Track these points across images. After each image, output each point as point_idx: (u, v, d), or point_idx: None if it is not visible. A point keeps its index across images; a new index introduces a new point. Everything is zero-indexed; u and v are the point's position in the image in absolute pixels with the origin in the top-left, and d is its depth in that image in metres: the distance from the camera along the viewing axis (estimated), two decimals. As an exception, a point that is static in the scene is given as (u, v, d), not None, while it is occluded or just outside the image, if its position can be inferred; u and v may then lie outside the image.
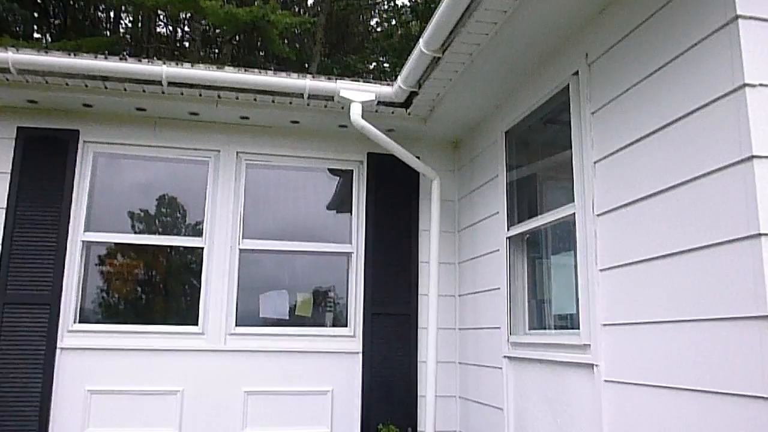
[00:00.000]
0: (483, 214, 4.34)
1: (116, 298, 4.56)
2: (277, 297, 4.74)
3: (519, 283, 3.88)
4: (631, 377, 2.62)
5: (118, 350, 4.22)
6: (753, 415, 1.97)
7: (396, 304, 4.61)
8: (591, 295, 2.92)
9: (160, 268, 4.67)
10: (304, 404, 4.38)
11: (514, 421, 3.69)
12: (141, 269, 4.61)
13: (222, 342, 4.35)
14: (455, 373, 4.65)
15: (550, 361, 3.31)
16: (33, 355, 4.07)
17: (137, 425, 4.14)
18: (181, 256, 4.68)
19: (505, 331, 3.82)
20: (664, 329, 2.43)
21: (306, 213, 4.88)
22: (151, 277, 4.65)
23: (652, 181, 2.55)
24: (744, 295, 2.05)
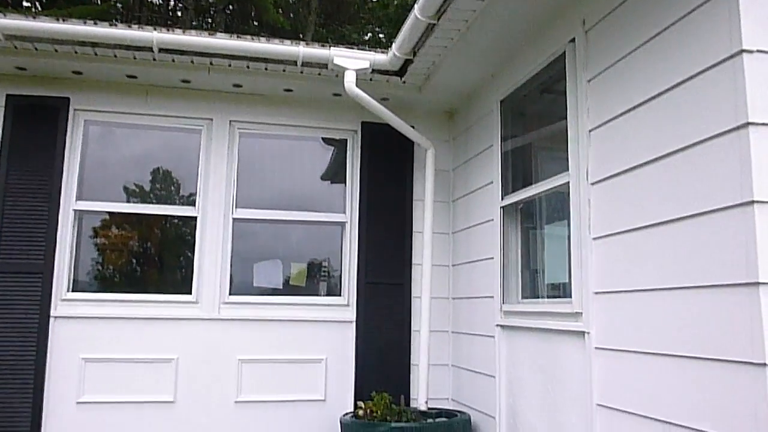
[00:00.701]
0: (477, 183, 4.33)
1: (110, 269, 4.55)
2: (270, 266, 4.74)
3: (512, 252, 3.89)
4: (621, 344, 2.64)
5: (112, 319, 4.23)
6: (741, 380, 1.99)
7: (390, 274, 4.63)
8: (583, 263, 2.92)
9: (153, 240, 4.65)
10: (298, 372, 4.41)
11: (505, 389, 3.73)
12: (134, 240, 4.59)
13: (216, 311, 4.36)
14: (448, 342, 4.68)
15: (542, 329, 3.33)
16: (27, 324, 4.07)
17: (132, 392, 4.16)
18: (176, 228, 4.67)
19: (498, 300, 3.84)
20: (655, 297, 2.45)
21: (300, 183, 4.86)
22: (145, 248, 4.64)
23: (646, 149, 2.54)
24: (735, 262, 2.05)
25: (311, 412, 4.38)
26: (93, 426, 4.09)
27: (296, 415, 4.36)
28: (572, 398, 3.00)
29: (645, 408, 2.46)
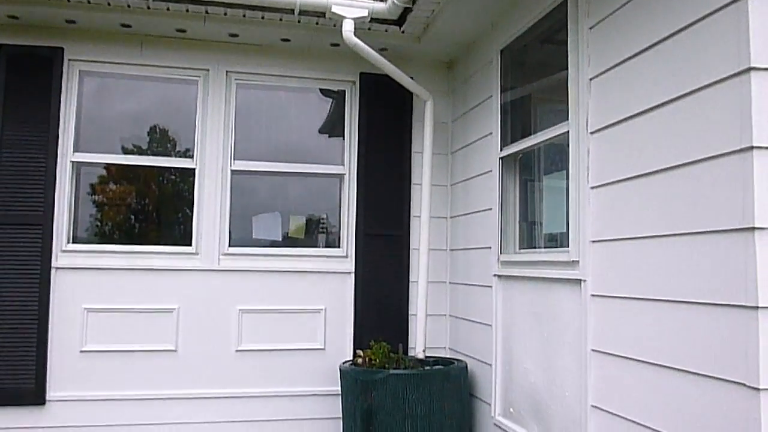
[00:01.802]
0: (476, 135, 4.32)
1: (109, 222, 4.56)
2: (269, 219, 4.76)
3: (510, 203, 3.91)
4: (617, 291, 2.68)
5: (113, 270, 4.26)
6: (734, 323, 2.03)
7: (388, 226, 4.65)
8: (581, 212, 2.94)
9: (151, 195, 4.65)
10: (297, 322, 4.47)
11: (502, 337, 3.80)
12: (133, 196, 4.59)
13: (216, 262, 4.40)
14: (446, 293, 4.74)
15: (539, 278, 3.37)
16: (28, 275, 4.11)
17: (134, 341, 4.23)
18: (174, 184, 4.66)
19: (496, 250, 3.87)
20: (651, 244, 2.47)
21: (298, 136, 4.83)
22: (143, 203, 4.64)
23: (646, 97, 2.52)
24: (732, 208, 2.07)
25: (311, 361, 4.46)
26: (97, 374, 4.17)
27: (296, 363, 4.44)
28: (567, 344, 3.06)
29: (638, 352, 2.51)
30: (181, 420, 4.25)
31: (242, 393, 4.35)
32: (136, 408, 4.19)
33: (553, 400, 3.18)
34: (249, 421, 4.35)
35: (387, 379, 3.78)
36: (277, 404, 4.39)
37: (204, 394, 4.30)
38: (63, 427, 4.10)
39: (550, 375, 3.23)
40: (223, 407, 4.31)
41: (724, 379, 2.06)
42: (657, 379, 2.40)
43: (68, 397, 4.12)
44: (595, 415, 2.79)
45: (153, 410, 4.22)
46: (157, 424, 4.21)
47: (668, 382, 2.33)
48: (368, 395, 3.79)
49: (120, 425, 4.17)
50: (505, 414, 3.74)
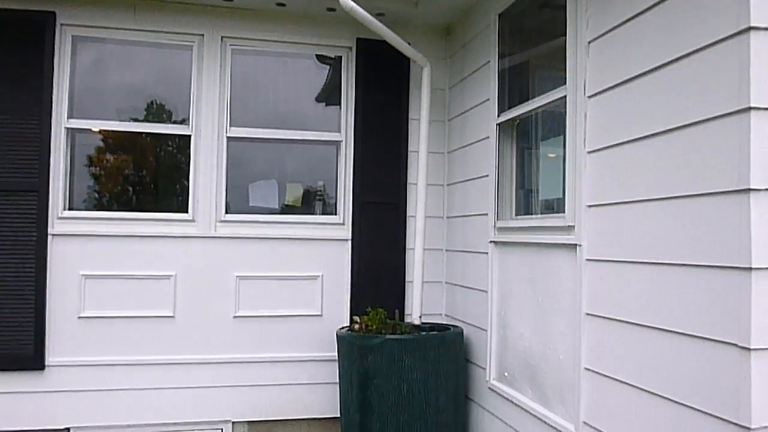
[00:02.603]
0: (473, 101, 4.29)
1: (106, 191, 4.55)
2: (266, 187, 4.75)
3: (507, 170, 3.90)
4: (611, 255, 2.69)
5: (110, 236, 4.26)
6: (727, 283, 2.04)
7: (385, 193, 4.64)
8: (577, 177, 2.94)
9: (148, 164, 4.63)
10: (294, 289, 4.50)
11: (497, 303, 3.82)
12: (130, 165, 4.57)
13: (212, 229, 4.40)
14: (442, 260, 4.76)
15: (535, 243, 3.38)
16: (25, 242, 4.11)
17: (132, 307, 4.25)
18: (171, 156, 4.64)
19: (492, 217, 3.88)
20: (647, 207, 2.47)
21: (295, 104, 4.79)
22: (141, 172, 4.62)
23: (644, 59, 2.50)
24: (728, 170, 2.06)
25: (308, 327, 4.50)
26: (95, 339, 4.20)
27: (293, 329, 4.47)
28: (562, 308, 3.08)
29: (632, 315, 2.53)
30: (180, 385, 4.29)
31: (240, 358, 4.39)
32: (134, 373, 4.24)
33: (546, 364, 3.22)
34: (247, 386, 4.39)
35: (383, 344, 3.81)
36: (275, 369, 4.44)
37: (202, 359, 4.34)
38: (63, 391, 4.14)
39: (544, 339, 3.26)
40: (221, 372, 4.36)
41: (716, 339, 2.08)
42: (650, 341, 2.42)
43: (67, 362, 4.15)
44: (588, 378, 2.82)
45: (151, 375, 4.26)
46: (156, 388, 4.26)
47: (662, 344, 2.35)
48: (365, 360, 3.82)
49: (119, 390, 4.21)
50: (499, 378, 3.78)
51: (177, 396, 4.29)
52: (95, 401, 4.18)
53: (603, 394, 2.72)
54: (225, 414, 4.38)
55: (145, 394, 4.25)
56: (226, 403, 4.37)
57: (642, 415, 2.45)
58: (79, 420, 4.17)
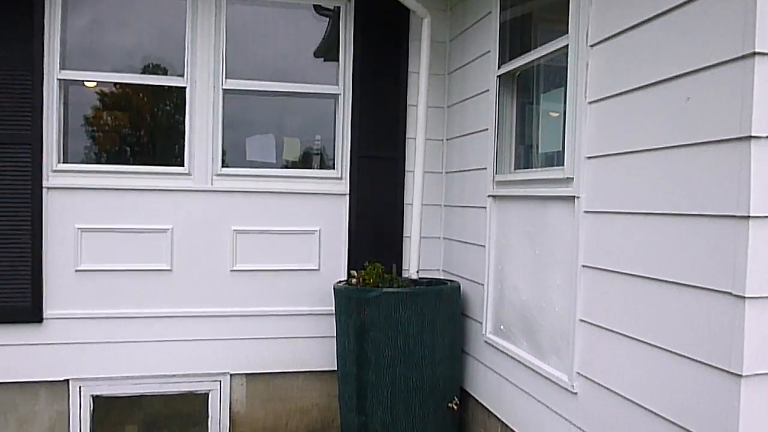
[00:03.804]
0: (474, 54, 4.20)
1: (101, 143, 4.49)
2: (263, 141, 4.69)
3: (507, 123, 3.84)
4: (609, 206, 2.66)
5: (105, 190, 4.23)
6: (725, 233, 2.01)
7: (383, 147, 4.59)
8: (578, 128, 2.89)
9: (144, 119, 4.55)
10: (292, 243, 4.48)
11: (494, 257, 3.81)
12: (125, 120, 4.49)
13: (209, 182, 4.36)
14: (440, 216, 4.73)
15: (533, 196, 3.35)
16: (19, 195, 4.07)
17: (129, 261, 4.25)
18: (166, 111, 4.57)
19: (491, 171, 3.84)
20: (646, 157, 2.43)
21: (293, 59, 4.68)
22: (136, 126, 4.55)
23: (647, 4, 2.42)
24: (730, 118, 2.01)
25: (305, 281, 4.50)
26: (93, 293, 4.21)
27: (291, 283, 4.48)
28: (558, 261, 3.06)
29: (628, 266, 2.51)
30: (178, 337, 4.32)
31: (238, 312, 4.41)
32: (133, 325, 4.25)
33: (542, 316, 3.22)
34: (245, 339, 4.42)
35: (380, 297, 3.81)
36: (273, 323, 4.46)
37: (200, 312, 4.36)
38: (61, 344, 4.17)
39: (540, 292, 3.25)
40: (219, 325, 4.38)
41: (711, 289, 2.06)
42: (646, 291, 2.40)
43: (65, 315, 4.17)
44: (583, 329, 2.82)
45: (150, 328, 4.28)
46: (155, 341, 4.29)
47: (657, 294, 2.34)
48: (361, 313, 3.83)
49: (117, 342, 4.24)
50: (495, 332, 3.80)
51: (175, 348, 4.32)
52: (94, 353, 4.21)
53: (597, 345, 2.72)
54: (223, 366, 4.42)
55: (144, 347, 4.28)
56: (224, 356, 4.40)
57: (635, 365, 2.46)
58: (78, 372, 4.21)
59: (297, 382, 4.57)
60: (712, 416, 2.06)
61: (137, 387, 4.32)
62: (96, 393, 4.27)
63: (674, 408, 2.24)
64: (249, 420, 4.51)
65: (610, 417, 2.62)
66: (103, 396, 4.28)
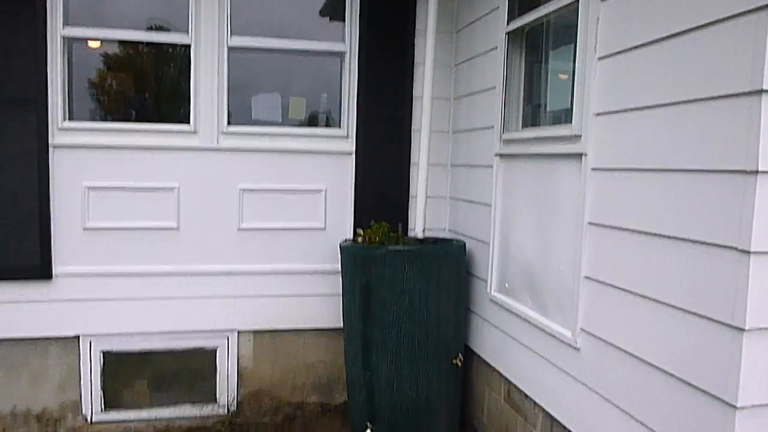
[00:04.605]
0: (482, 10, 4.13)
1: (106, 102, 4.47)
2: (269, 99, 4.66)
3: (515, 81, 3.79)
4: (617, 163, 2.64)
5: (112, 148, 4.23)
6: (733, 188, 2.00)
7: (390, 106, 4.55)
8: (587, 84, 2.85)
9: (149, 79, 4.51)
10: (298, 202, 4.49)
11: (500, 216, 3.81)
12: (130, 79, 4.46)
13: (215, 141, 4.35)
14: (446, 176, 4.72)
15: (540, 154, 3.33)
16: (26, 153, 4.07)
17: (136, 218, 4.27)
18: (171, 71, 4.54)
19: (498, 129, 3.81)
20: (655, 114, 2.40)
21: (298, 18, 4.60)
22: (141, 85, 4.52)
23: (662, -45, 2.37)
24: (741, 72, 1.98)
25: (312, 240, 4.52)
26: (101, 250, 4.24)
27: (297, 241, 4.50)
28: (564, 219, 3.06)
29: (635, 223, 2.51)
30: (187, 295, 4.37)
31: (245, 270, 4.44)
32: (141, 283, 4.30)
33: (547, 274, 3.23)
34: (253, 297, 4.47)
35: (386, 255, 3.83)
36: (280, 281, 4.50)
37: (208, 270, 4.39)
38: (71, 300, 4.22)
39: (545, 250, 3.26)
40: (226, 283, 4.42)
41: (717, 244, 2.06)
42: (652, 247, 2.40)
43: (74, 272, 4.21)
44: (587, 285, 2.83)
45: (158, 285, 4.33)
46: (163, 298, 4.34)
47: (663, 250, 2.34)
48: (367, 271, 3.86)
49: (126, 299, 4.29)
50: (500, 290, 3.82)
51: (184, 305, 4.37)
52: (103, 310, 4.27)
53: (601, 301, 2.74)
54: (231, 323, 4.48)
55: (152, 304, 4.33)
56: (231, 313, 4.46)
57: (639, 320, 2.47)
58: (88, 328, 4.28)
59: (303, 339, 4.63)
60: (713, 370, 2.08)
61: (146, 343, 4.39)
62: (106, 349, 4.34)
63: (676, 362, 2.26)
64: (256, 376, 4.59)
65: (613, 372, 2.65)
66: (113, 352, 4.36)
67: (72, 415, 4.33)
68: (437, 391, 3.99)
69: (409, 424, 3.95)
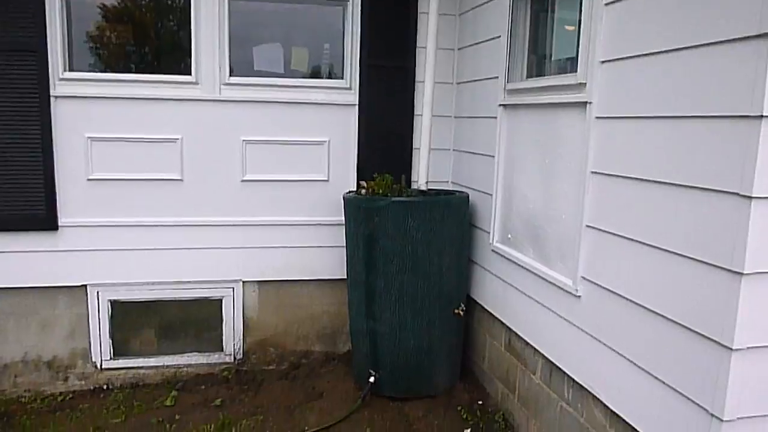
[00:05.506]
0: (487, -44, 4.04)
1: (107, 52, 4.42)
2: (271, 50, 4.61)
3: (520, 30, 3.74)
4: (622, 111, 2.63)
5: (114, 99, 4.21)
6: (736, 134, 2.00)
7: (393, 57, 4.50)
8: (593, 31, 2.81)
9: (149, 31, 4.44)
10: (301, 153, 4.49)
11: (504, 167, 3.81)
12: (130, 32, 4.40)
13: (217, 91, 4.32)
14: (450, 127, 4.70)
15: (544, 104, 3.31)
16: (28, 104, 4.05)
17: (140, 170, 4.28)
18: (172, 25, 4.46)
19: (503, 79, 3.77)
20: (661, 60, 2.38)
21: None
22: (142, 37, 4.45)
23: None
24: (748, 17, 1.95)
25: (315, 192, 4.54)
26: (106, 201, 4.26)
27: (301, 194, 4.52)
28: (567, 168, 3.06)
29: (638, 171, 2.51)
30: (192, 245, 4.41)
31: (249, 221, 4.47)
32: (147, 233, 4.34)
33: (549, 223, 3.25)
34: (257, 248, 4.51)
35: (389, 206, 3.85)
36: (283, 232, 4.53)
37: (212, 221, 4.43)
38: (77, 250, 4.27)
39: (548, 200, 3.27)
40: (231, 234, 4.46)
41: (719, 190, 2.07)
42: (654, 195, 2.41)
43: (80, 223, 4.25)
44: (589, 234, 2.85)
45: (163, 236, 4.36)
46: (168, 248, 4.38)
47: (666, 198, 2.35)
48: (370, 222, 3.88)
49: (132, 249, 4.33)
50: (503, 241, 3.85)
51: (189, 256, 4.42)
52: (109, 260, 4.32)
53: (602, 249, 2.76)
54: (236, 273, 4.53)
55: (158, 254, 4.38)
56: (236, 263, 4.51)
57: (640, 267, 2.50)
58: (95, 278, 4.33)
59: (308, 289, 4.69)
60: (711, 314, 2.11)
61: (153, 292, 4.45)
62: (113, 298, 4.41)
63: (675, 308, 2.30)
64: (262, 325, 4.67)
65: (613, 318, 2.69)
66: (121, 301, 4.43)
67: (82, 362, 4.43)
68: (439, 340, 4.06)
69: (412, 371, 4.04)
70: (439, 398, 4.12)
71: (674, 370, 2.30)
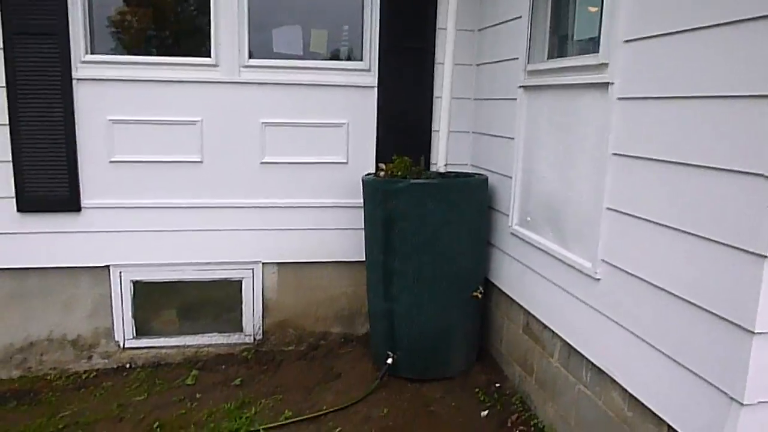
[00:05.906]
0: (509, -65, 3.98)
1: (128, 35, 4.44)
2: (290, 32, 4.60)
3: (542, 10, 3.68)
4: (644, 92, 2.59)
5: (135, 81, 4.24)
6: (761, 112, 1.96)
7: (413, 38, 4.47)
8: (615, 10, 2.77)
9: (168, 13, 4.46)
10: (320, 136, 4.49)
11: (523, 149, 3.78)
12: (149, 15, 4.42)
13: (236, 74, 4.33)
14: (469, 109, 4.66)
15: (565, 85, 3.27)
16: (50, 86, 4.10)
17: (161, 152, 4.31)
18: (191, 8, 4.47)
19: (523, 60, 3.73)
20: (686, 38, 2.33)
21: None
22: (161, 20, 4.47)
23: None
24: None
25: (334, 174, 4.54)
26: (128, 183, 4.31)
27: (319, 175, 4.53)
28: (588, 150, 3.03)
29: (660, 152, 2.48)
30: (212, 227, 4.45)
31: (269, 203, 4.50)
32: (168, 215, 4.38)
33: (569, 206, 3.23)
34: (276, 230, 4.54)
35: (407, 188, 3.84)
36: (302, 214, 4.55)
37: (232, 203, 4.46)
38: (100, 231, 4.33)
39: (568, 182, 3.24)
40: (250, 216, 4.49)
41: (745, 171, 2.03)
42: (676, 177, 2.38)
43: (103, 204, 4.30)
44: (609, 216, 2.83)
45: (184, 217, 4.41)
46: (189, 230, 4.43)
47: (687, 180, 2.32)
48: (389, 204, 3.88)
49: (154, 231, 4.38)
50: (521, 223, 3.83)
51: (209, 237, 4.46)
52: (132, 241, 4.38)
53: (622, 232, 2.74)
54: (255, 255, 4.57)
55: (179, 236, 4.42)
56: (256, 245, 4.54)
57: (660, 250, 2.48)
58: (117, 258, 4.40)
59: (326, 271, 4.72)
60: (732, 297, 2.09)
61: (174, 273, 4.51)
62: (135, 278, 4.47)
63: (696, 290, 2.27)
64: (281, 306, 4.71)
65: (632, 301, 2.67)
66: (143, 281, 4.49)
67: (105, 341, 4.51)
68: (457, 322, 4.07)
69: (429, 353, 4.05)
70: (457, 380, 4.14)
71: (694, 353, 2.28)
